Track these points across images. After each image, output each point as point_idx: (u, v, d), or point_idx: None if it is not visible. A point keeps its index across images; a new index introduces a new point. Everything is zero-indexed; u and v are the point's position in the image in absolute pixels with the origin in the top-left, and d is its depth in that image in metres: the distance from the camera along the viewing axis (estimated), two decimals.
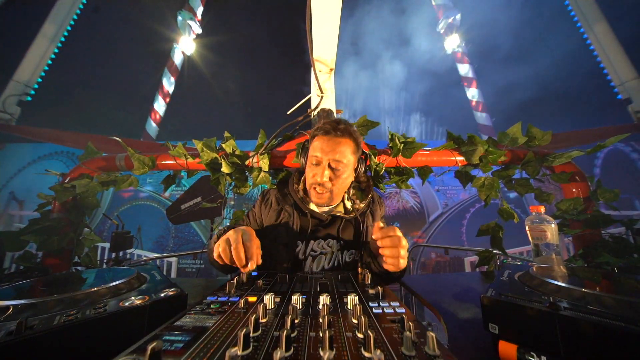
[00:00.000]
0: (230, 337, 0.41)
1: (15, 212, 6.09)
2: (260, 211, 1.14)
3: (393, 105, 11.88)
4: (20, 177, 6.54)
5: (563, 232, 1.61)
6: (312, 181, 1.01)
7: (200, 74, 9.52)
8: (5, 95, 4.95)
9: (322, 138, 1.01)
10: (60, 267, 1.58)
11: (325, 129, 1.01)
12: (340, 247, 1.05)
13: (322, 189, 1.00)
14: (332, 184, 0.99)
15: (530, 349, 0.52)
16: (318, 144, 1.01)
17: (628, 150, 6.57)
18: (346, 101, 11.50)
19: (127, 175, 1.74)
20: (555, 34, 8.03)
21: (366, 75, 11.58)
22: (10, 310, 0.53)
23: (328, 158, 0.98)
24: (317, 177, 0.99)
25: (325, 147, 0.99)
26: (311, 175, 1.02)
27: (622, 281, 0.68)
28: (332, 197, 1.03)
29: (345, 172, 1.02)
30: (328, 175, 0.98)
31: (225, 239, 0.75)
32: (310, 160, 1.02)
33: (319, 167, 1.00)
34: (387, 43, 11.08)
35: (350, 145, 1.02)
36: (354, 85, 11.37)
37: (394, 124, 11.94)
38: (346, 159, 1.00)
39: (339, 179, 1.00)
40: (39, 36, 5.29)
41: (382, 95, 11.88)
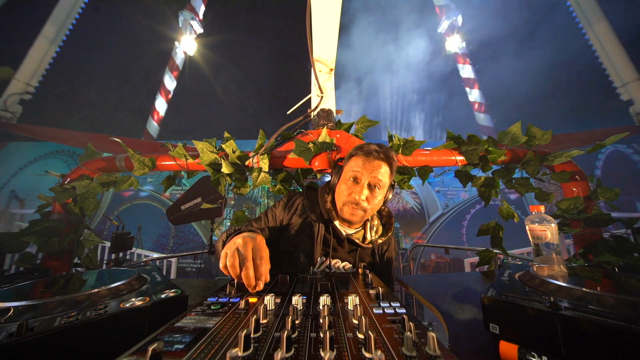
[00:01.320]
0: (231, 338, 0.41)
1: (16, 211, 6.10)
2: (283, 213, 1.13)
3: (393, 106, 11.89)
4: (22, 176, 6.55)
5: (563, 231, 1.61)
6: (348, 199, 1.00)
7: (201, 74, 9.52)
8: (7, 93, 4.96)
9: (362, 158, 1.01)
10: (60, 268, 1.58)
11: (367, 150, 1.01)
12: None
13: (358, 207, 0.99)
14: (368, 203, 1.00)
15: (531, 348, 0.52)
16: (359, 162, 1.00)
17: (629, 152, 6.56)
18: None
19: (127, 176, 1.74)
20: (555, 34, 8.03)
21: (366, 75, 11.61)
22: (11, 312, 0.53)
23: (369, 176, 0.98)
24: (355, 195, 0.98)
25: (367, 166, 0.99)
26: (347, 193, 1.01)
27: (622, 280, 0.68)
28: (364, 217, 1.04)
29: (380, 195, 1.02)
30: (366, 194, 0.98)
31: (234, 250, 0.69)
32: (348, 176, 1.02)
33: (357, 185, 1.00)
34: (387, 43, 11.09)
35: (388, 169, 1.02)
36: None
37: (393, 125, 11.96)
38: (384, 180, 1.00)
39: (375, 200, 1.01)
40: (40, 35, 5.30)
41: (382, 95, 11.89)
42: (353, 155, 1.05)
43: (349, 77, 11.27)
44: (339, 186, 1.05)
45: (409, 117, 11.59)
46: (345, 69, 10.92)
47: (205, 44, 8.93)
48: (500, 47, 8.90)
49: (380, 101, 11.70)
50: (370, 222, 1.12)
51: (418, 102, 11.24)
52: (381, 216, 1.19)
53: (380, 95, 11.64)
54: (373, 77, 11.37)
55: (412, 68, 10.61)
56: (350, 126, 1.66)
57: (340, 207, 1.04)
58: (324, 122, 1.60)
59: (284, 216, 1.12)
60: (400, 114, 11.63)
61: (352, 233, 1.08)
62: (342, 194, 1.03)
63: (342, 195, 1.02)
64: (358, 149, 1.04)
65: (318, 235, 1.03)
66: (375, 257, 1.08)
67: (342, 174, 1.06)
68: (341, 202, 1.03)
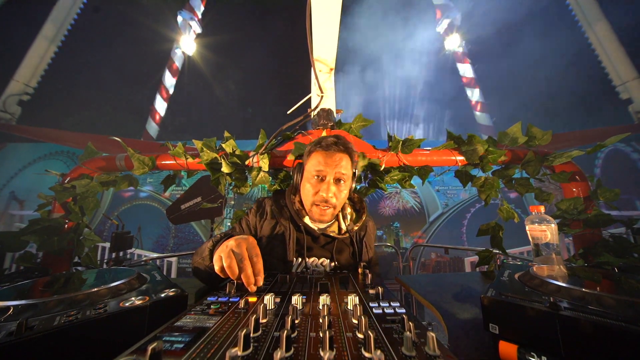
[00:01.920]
0: (230, 338, 0.41)
1: (15, 212, 6.10)
2: (255, 219, 1.11)
3: (393, 106, 11.89)
4: (21, 177, 6.55)
5: (563, 231, 1.61)
6: (315, 198, 0.98)
7: (201, 74, 9.52)
8: (5, 94, 4.95)
9: (323, 153, 0.99)
10: (60, 267, 1.58)
11: (325, 144, 1.00)
12: (333, 267, 1.02)
13: (327, 205, 0.98)
14: (336, 199, 0.98)
15: (531, 349, 0.52)
16: (320, 159, 0.98)
17: (629, 151, 6.56)
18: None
19: (127, 176, 1.74)
20: (556, 34, 8.02)
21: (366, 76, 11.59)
22: (10, 311, 0.53)
23: (334, 172, 0.97)
24: (322, 193, 0.96)
25: (329, 162, 0.97)
26: (313, 192, 0.99)
27: (622, 281, 0.68)
28: (334, 214, 1.02)
29: (346, 188, 1.01)
30: (334, 190, 0.97)
31: (228, 251, 0.68)
32: (311, 174, 1.00)
33: (323, 183, 0.98)
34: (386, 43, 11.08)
35: (349, 160, 1.01)
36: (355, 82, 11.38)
37: (392, 126, 11.97)
38: (347, 173, 1.00)
39: (342, 194, 1.00)
40: (39, 36, 5.29)
41: (381, 96, 11.89)
42: (312, 152, 1.03)
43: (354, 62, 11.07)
44: (304, 185, 1.03)
45: (409, 110, 11.51)
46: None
47: (204, 44, 8.93)
48: (500, 47, 8.89)
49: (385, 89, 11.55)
50: (343, 212, 1.10)
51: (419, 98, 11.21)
52: (353, 202, 1.17)
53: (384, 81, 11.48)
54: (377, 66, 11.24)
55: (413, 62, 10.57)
56: (350, 127, 1.66)
57: (309, 208, 1.02)
58: (324, 121, 1.60)
59: (257, 223, 1.10)
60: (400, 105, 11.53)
61: (325, 227, 1.06)
62: (308, 193, 1.01)
63: (309, 195, 1.00)
64: (316, 144, 1.02)
65: (290, 238, 1.01)
66: (354, 245, 1.06)
67: (305, 173, 1.04)
68: (309, 202, 1.01)
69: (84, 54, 7.80)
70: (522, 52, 8.92)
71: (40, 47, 5.32)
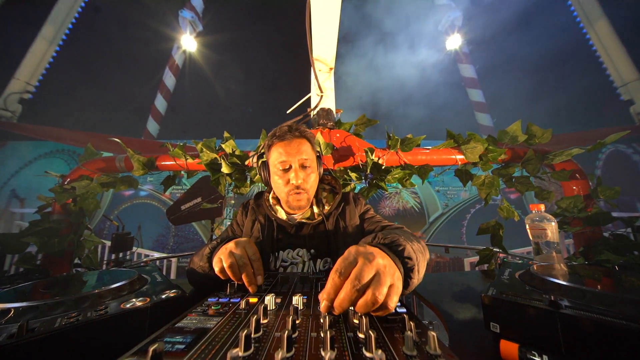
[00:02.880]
0: (231, 338, 0.41)
1: (16, 210, 6.10)
2: (242, 219, 1.13)
3: (392, 106, 11.87)
4: (22, 175, 6.55)
5: (563, 230, 1.61)
6: (288, 188, 0.99)
7: (201, 73, 9.50)
8: (6, 92, 4.95)
9: (281, 144, 1.00)
10: (60, 268, 1.58)
11: (280, 134, 1.00)
12: (311, 255, 1.00)
13: (300, 190, 0.98)
14: (307, 183, 0.99)
15: (532, 347, 0.52)
16: (281, 150, 0.99)
17: (629, 152, 6.56)
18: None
19: (126, 176, 1.74)
20: (556, 33, 8.01)
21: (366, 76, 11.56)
22: (11, 313, 0.53)
23: (296, 159, 0.98)
24: (293, 180, 0.97)
25: (289, 150, 0.98)
26: (284, 183, 0.99)
27: (623, 279, 0.68)
28: (309, 198, 1.02)
29: (313, 171, 1.02)
30: (302, 176, 0.97)
31: (228, 253, 0.69)
32: (277, 168, 1.00)
33: (290, 171, 0.98)
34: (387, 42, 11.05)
35: (308, 144, 1.02)
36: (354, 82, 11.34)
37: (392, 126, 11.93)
38: (310, 157, 1.01)
39: (310, 178, 1.00)
40: (40, 34, 5.28)
41: (381, 95, 11.87)
42: (271, 145, 1.03)
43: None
44: (273, 179, 1.04)
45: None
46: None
47: (205, 42, 8.92)
48: (500, 46, 8.88)
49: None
50: (317, 197, 1.09)
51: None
52: (331, 185, 1.16)
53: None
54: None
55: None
56: (351, 126, 1.66)
57: (285, 199, 1.02)
58: (323, 121, 1.60)
59: (244, 223, 1.12)
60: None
61: (299, 216, 1.05)
62: (279, 186, 1.01)
63: (280, 187, 1.01)
64: (272, 136, 1.03)
65: (265, 232, 1.02)
66: (330, 227, 1.03)
67: (270, 167, 1.04)
68: (283, 193, 1.01)
69: (85, 52, 7.78)
70: (522, 52, 8.90)
71: (40, 45, 5.31)
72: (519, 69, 8.84)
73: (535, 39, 8.64)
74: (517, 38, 8.74)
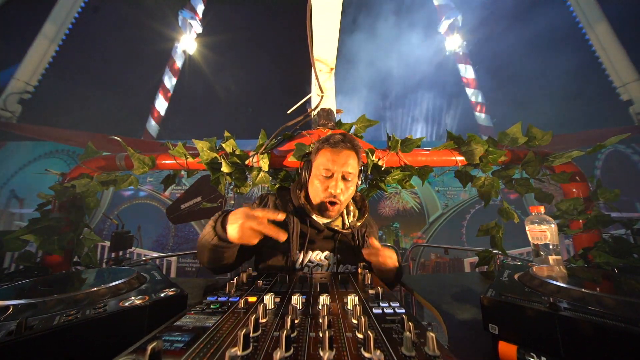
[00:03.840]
0: (230, 337, 0.41)
1: (16, 210, 6.10)
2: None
3: (392, 107, 11.88)
4: (21, 175, 6.54)
5: (563, 232, 1.61)
6: (325, 194, 1.01)
7: (201, 73, 9.50)
8: (6, 93, 4.95)
9: (331, 150, 1.01)
10: (60, 266, 1.58)
11: (333, 141, 1.02)
12: (336, 260, 1.04)
13: (335, 200, 1.00)
14: (343, 195, 1.01)
15: (530, 349, 0.52)
16: (328, 156, 1.01)
17: (629, 153, 6.56)
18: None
19: (127, 175, 1.74)
20: (556, 33, 8.02)
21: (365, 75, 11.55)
22: (10, 310, 0.53)
23: (341, 170, 0.99)
24: (332, 190, 0.99)
25: (337, 159, 0.99)
26: (322, 189, 1.01)
27: (622, 281, 0.68)
28: (340, 210, 1.05)
29: (353, 185, 1.04)
30: (341, 187, 0.99)
31: (240, 216, 0.75)
32: (319, 171, 1.02)
33: (331, 180, 1.00)
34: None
35: (356, 157, 1.04)
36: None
37: (392, 126, 11.93)
38: (354, 171, 1.02)
39: (348, 190, 1.02)
40: (40, 35, 5.28)
41: (381, 95, 11.87)
42: (320, 149, 1.05)
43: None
44: (312, 182, 1.05)
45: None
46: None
47: (205, 43, 8.92)
48: (500, 46, 8.89)
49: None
50: (347, 209, 1.13)
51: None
52: (355, 201, 1.20)
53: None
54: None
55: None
56: (351, 126, 1.66)
57: (317, 204, 1.04)
58: (324, 121, 1.60)
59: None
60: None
61: (329, 222, 1.08)
62: (317, 190, 1.03)
63: (318, 191, 1.02)
64: (324, 142, 1.04)
65: (294, 231, 1.03)
66: (356, 241, 1.08)
67: (313, 170, 1.06)
68: (318, 198, 1.03)
69: (84, 53, 7.79)
70: (521, 53, 8.91)
71: (40, 45, 5.31)
72: (519, 70, 8.85)
73: (534, 39, 8.66)
74: (517, 37, 8.75)
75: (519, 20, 8.66)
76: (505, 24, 8.70)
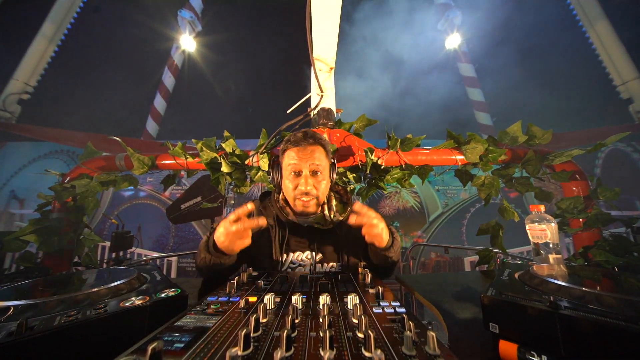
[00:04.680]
0: (230, 337, 0.41)
1: (16, 211, 6.10)
2: None
3: (392, 106, 11.86)
4: (21, 176, 6.54)
5: (563, 230, 1.61)
6: (296, 192, 1.01)
7: (201, 73, 9.48)
8: (5, 93, 4.94)
9: (295, 149, 1.02)
10: (60, 267, 1.58)
11: (295, 139, 1.02)
12: (320, 259, 1.04)
13: (308, 196, 1.00)
14: (316, 190, 1.01)
15: (531, 348, 0.52)
16: (293, 155, 1.01)
17: (629, 151, 6.56)
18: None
19: (126, 175, 1.74)
20: (556, 33, 8.01)
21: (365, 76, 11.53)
22: (10, 311, 0.53)
23: (308, 165, 1.00)
24: (302, 187, 0.99)
25: (303, 156, 1.00)
26: (293, 187, 1.02)
27: (622, 280, 0.68)
28: (318, 204, 1.04)
29: (324, 178, 1.04)
30: (312, 182, 1.00)
31: (223, 224, 0.81)
32: (288, 171, 1.03)
33: (300, 177, 1.01)
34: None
35: (323, 151, 1.04)
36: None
37: (392, 126, 11.91)
38: (322, 164, 1.03)
39: (321, 184, 1.02)
40: (38, 35, 5.27)
41: (381, 95, 11.86)
42: (286, 150, 1.05)
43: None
44: (284, 183, 1.06)
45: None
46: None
47: (204, 42, 8.90)
48: (500, 46, 8.88)
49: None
50: (328, 204, 1.11)
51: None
52: (340, 195, 1.18)
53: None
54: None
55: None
56: (351, 126, 1.65)
57: (292, 203, 1.05)
58: (324, 121, 1.60)
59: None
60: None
61: (310, 220, 1.07)
62: (288, 190, 1.04)
63: (289, 191, 1.03)
64: (287, 141, 1.05)
65: (276, 236, 1.04)
66: (340, 237, 1.06)
67: (282, 171, 1.07)
68: (291, 197, 1.04)
69: (83, 53, 7.78)
70: (521, 52, 8.90)
71: (39, 45, 5.30)
72: (518, 69, 8.84)
73: (534, 38, 8.65)
74: (517, 37, 8.74)
75: (519, 18, 8.65)
76: (503, 22, 8.69)
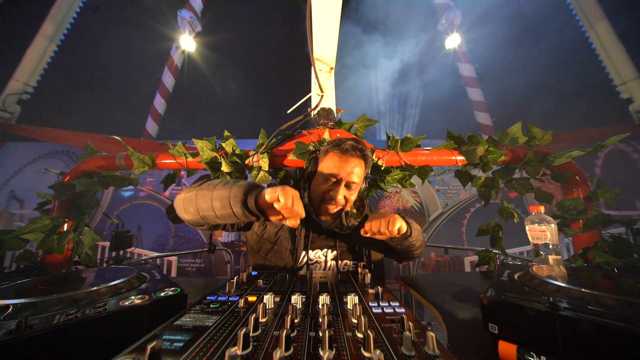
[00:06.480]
0: (230, 337, 0.41)
1: (15, 211, 6.10)
2: None
3: (392, 106, 11.84)
4: (21, 176, 6.54)
5: (563, 232, 1.61)
6: (326, 197, 1.02)
7: (201, 73, 9.48)
8: (5, 93, 4.94)
9: (339, 156, 1.01)
10: (60, 266, 1.58)
11: (344, 147, 1.01)
12: (334, 257, 1.06)
13: (336, 205, 1.01)
14: (346, 201, 1.02)
15: (530, 348, 0.52)
16: (336, 161, 1.01)
17: (629, 151, 6.55)
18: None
19: (126, 174, 1.74)
20: (556, 32, 8.01)
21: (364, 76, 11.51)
22: (10, 309, 0.53)
23: (347, 178, 1.00)
24: (333, 194, 1.00)
25: (344, 166, 1.00)
26: (325, 191, 1.02)
27: (621, 281, 0.68)
28: (340, 211, 1.06)
29: (356, 191, 1.05)
30: (344, 193, 1.00)
31: (283, 188, 0.70)
32: (325, 175, 1.02)
33: (335, 185, 1.01)
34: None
35: (363, 166, 1.04)
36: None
37: (393, 126, 11.92)
38: (359, 180, 1.03)
39: (351, 197, 1.04)
40: (38, 35, 5.27)
41: (380, 95, 11.85)
42: (329, 152, 1.04)
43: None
44: (316, 183, 1.06)
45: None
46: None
47: (204, 42, 8.90)
48: (500, 46, 8.88)
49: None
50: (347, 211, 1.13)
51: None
52: (358, 203, 1.20)
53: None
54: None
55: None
56: (351, 126, 1.65)
57: (317, 204, 1.06)
58: (324, 121, 1.60)
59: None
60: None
61: (329, 223, 1.10)
62: (319, 191, 1.03)
63: (319, 192, 1.03)
64: (335, 145, 1.03)
65: (301, 230, 1.05)
66: (355, 240, 1.09)
67: (318, 171, 1.06)
68: (319, 199, 1.04)
69: (83, 53, 7.78)
70: (521, 51, 8.90)
71: (39, 45, 5.29)
72: (518, 69, 8.84)
73: (534, 38, 8.65)
74: (517, 37, 8.74)
75: (519, 18, 8.66)
76: (502, 21, 8.69)
